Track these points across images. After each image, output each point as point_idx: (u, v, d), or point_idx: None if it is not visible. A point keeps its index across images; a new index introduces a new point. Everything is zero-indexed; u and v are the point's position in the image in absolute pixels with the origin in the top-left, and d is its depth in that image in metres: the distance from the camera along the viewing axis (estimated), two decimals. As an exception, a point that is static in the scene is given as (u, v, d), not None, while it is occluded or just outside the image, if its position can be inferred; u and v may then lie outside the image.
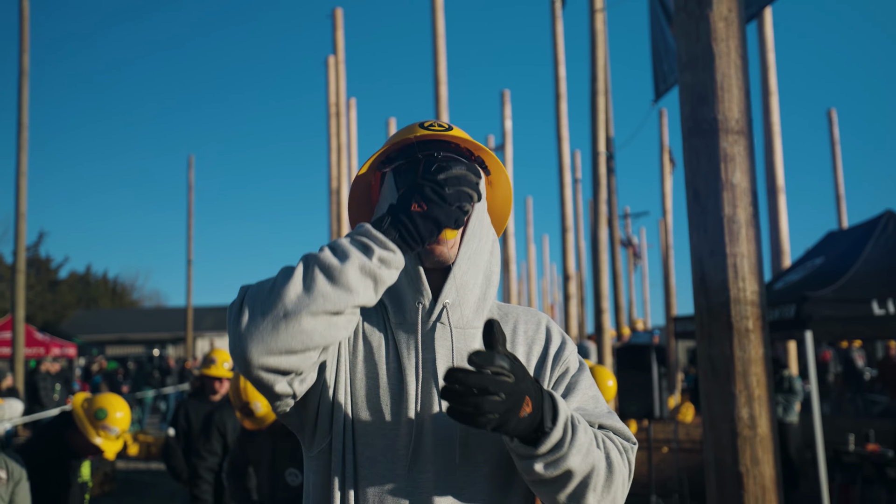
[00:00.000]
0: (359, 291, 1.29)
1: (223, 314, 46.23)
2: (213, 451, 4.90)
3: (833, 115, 22.65)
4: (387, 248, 1.32)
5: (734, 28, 3.15)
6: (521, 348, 1.58)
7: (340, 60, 16.26)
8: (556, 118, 16.31)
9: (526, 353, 1.58)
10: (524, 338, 1.60)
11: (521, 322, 1.63)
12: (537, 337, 1.61)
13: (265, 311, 1.26)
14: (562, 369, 1.59)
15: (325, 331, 1.28)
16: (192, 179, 30.25)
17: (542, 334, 1.62)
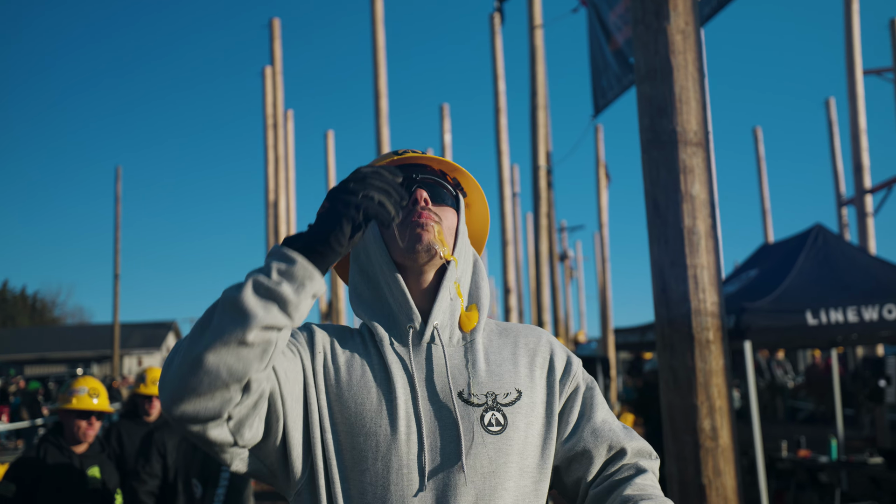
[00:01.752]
0: (257, 314, 1.19)
1: (152, 331, 45.10)
2: (153, 474, 4.68)
3: (759, 133, 23.33)
4: (284, 259, 1.24)
5: (691, 41, 3.18)
6: (524, 359, 1.54)
7: (278, 71, 16.05)
8: (495, 132, 16.39)
9: (528, 364, 1.54)
10: (525, 349, 1.56)
11: (521, 336, 1.60)
12: (539, 349, 1.58)
13: (174, 358, 1.23)
14: (573, 385, 1.56)
15: (234, 364, 1.19)
16: (119, 191, 29.41)
17: (544, 346, 1.59)
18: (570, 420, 1.53)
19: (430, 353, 1.49)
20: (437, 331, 1.49)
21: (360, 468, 1.38)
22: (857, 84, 13.91)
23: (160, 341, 44.30)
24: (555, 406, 1.52)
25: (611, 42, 11.23)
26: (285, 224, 16.82)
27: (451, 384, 1.44)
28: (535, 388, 1.51)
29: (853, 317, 7.29)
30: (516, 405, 1.46)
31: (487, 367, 1.50)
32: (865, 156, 13.70)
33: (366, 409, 1.41)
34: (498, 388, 1.47)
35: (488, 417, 1.43)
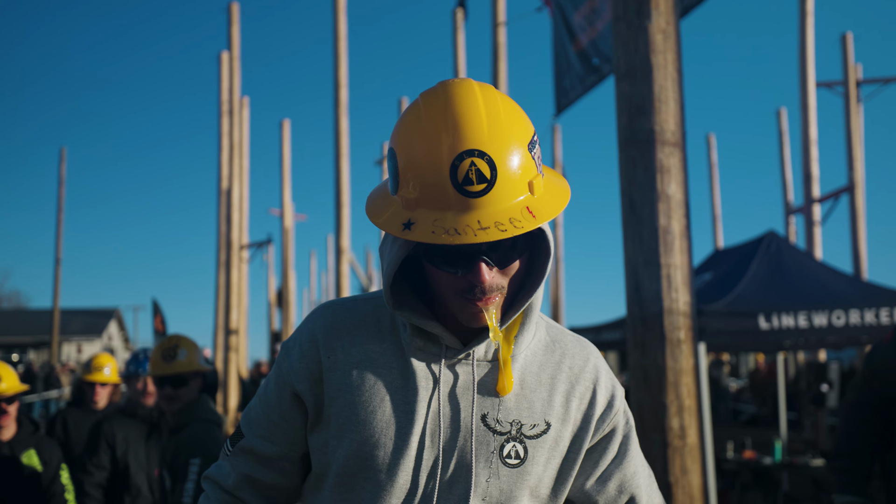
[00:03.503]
0: None
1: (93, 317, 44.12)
2: (100, 465, 4.52)
3: (712, 140, 23.74)
4: None
5: (672, 41, 3.19)
6: (562, 386, 1.40)
7: (235, 57, 15.80)
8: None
9: (566, 393, 1.40)
10: (568, 374, 1.42)
11: (567, 356, 1.44)
12: (583, 376, 1.43)
13: None
14: (611, 425, 1.44)
15: None
16: (63, 173, 28.58)
17: (589, 374, 1.43)
18: (601, 463, 1.44)
19: (460, 366, 1.37)
20: (474, 352, 1.36)
21: (364, 476, 1.33)
22: (809, 96, 14.23)
23: (101, 329, 43.39)
24: (584, 444, 1.41)
25: (574, 43, 11.29)
26: (238, 213, 16.59)
27: (474, 406, 1.34)
28: (568, 421, 1.39)
29: (804, 322, 7.47)
30: (541, 439, 1.36)
31: (521, 392, 1.37)
32: (815, 166, 14.02)
33: (377, 419, 1.33)
34: (526, 417, 1.36)
35: (508, 448, 1.34)
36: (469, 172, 1.19)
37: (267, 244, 19.42)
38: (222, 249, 17.27)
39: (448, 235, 1.19)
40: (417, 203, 1.23)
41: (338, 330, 1.40)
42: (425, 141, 1.23)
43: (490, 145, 1.21)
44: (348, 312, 1.43)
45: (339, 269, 13.31)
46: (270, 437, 1.43)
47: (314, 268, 43.93)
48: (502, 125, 1.23)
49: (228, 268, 15.67)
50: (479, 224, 1.19)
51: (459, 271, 1.26)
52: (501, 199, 1.21)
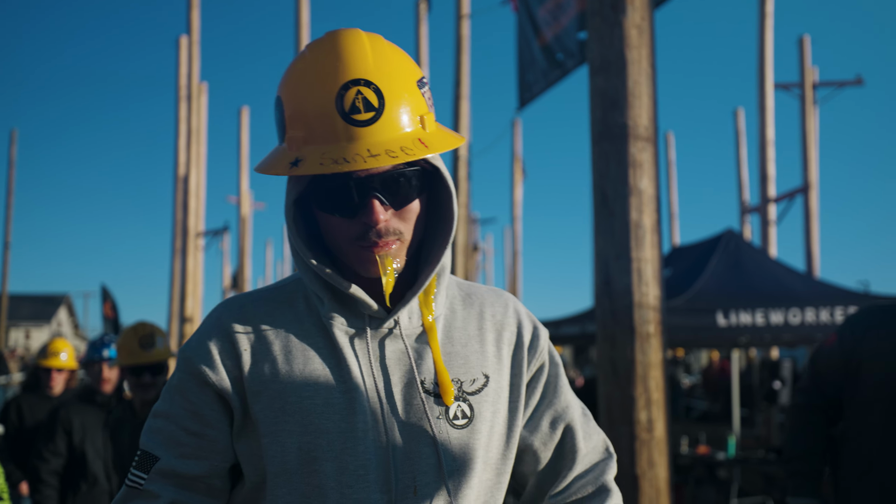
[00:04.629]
0: None
1: (42, 303, 43.20)
2: (57, 452, 4.42)
3: (670, 138, 24.04)
4: None
5: (646, 37, 3.20)
6: (491, 335, 1.37)
7: (195, 42, 15.53)
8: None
9: (496, 341, 1.37)
10: (492, 323, 1.38)
11: (487, 305, 1.40)
12: (506, 321, 1.39)
13: None
14: (538, 362, 1.40)
15: None
16: (13, 155, 27.88)
17: (511, 318, 1.40)
18: (531, 403, 1.40)
19: (388, 337, 1.30)
20: (398, 319, 1.30)
21: (309, 470, 1.22)
22: (766, 97, 14.46)
23: (50, 315, 42.54)
24: (521, 388, 1.37)
25: (539, 37, 11.31)
26: (195, 199, 16.34)
27: (410, 375, 1.27)
28: (503, 369, 1.35)
29: (761, 319, 7.60)
30: (483, 392, 1.31)
31: (452, 349, 1.32)
32: (771, 166, 14.27)
33: (314, 404, 1.24)
34: (464, 373, 1.31)
35: (454, 410, 1.28)
36: (356, 101, 1.17)
37: (223, 232, 19.21)
38: (178, 236, 17.01)
39: (337, 164, 1.15)
40: (305, 141, 1.20)
41: (252, 320, 1.31)
42: (310, 79, 1.21)
43: (376, 75, 1.19)
44: (257, 302, 1.34)
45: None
46: (194, 453, 1.26)
47: (270, 257, 43.56)
48: (388, 60, 1.22)
49: (184, 255, 15.44)
50: (369, 152, 1.16)
51: (351, 213, 1.21)
52: (391, 128, 1.19)
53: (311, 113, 1.19)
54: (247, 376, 1.26)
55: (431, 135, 1.22)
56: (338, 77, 1.18)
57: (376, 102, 1.18)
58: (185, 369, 1.29)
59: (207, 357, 1.27)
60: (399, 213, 1.24)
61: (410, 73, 1.24)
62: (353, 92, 1.17)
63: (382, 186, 1.22)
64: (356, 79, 1.18)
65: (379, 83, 1.19)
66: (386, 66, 1.21)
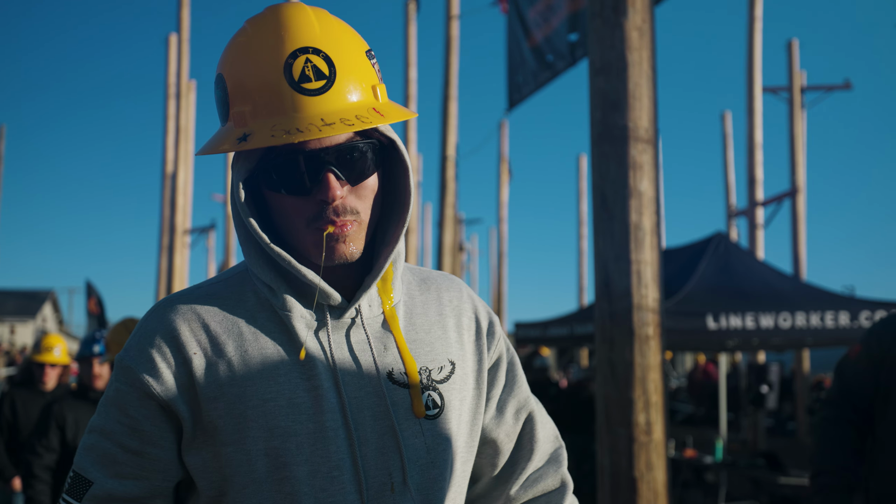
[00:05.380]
0: None
1: (28, 298, 42.88)
2: (50, 448, 4.42)
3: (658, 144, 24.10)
4: None
5: (647, 39, 3.20)
6: (451, 320, 1.32)
7: (185, 40, 15.45)
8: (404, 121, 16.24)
9: (456, 327, 1.32)
10: (451, 308, 1.34)
11: (443, 290, 1.36)
12: (463, 307, 1.35)
13: None
14: (497, 350, 1.37)
15: None
16: (1, 150, 27.78)
17: (466, 303, 1.36)
18: (494, 393, 1.36)
19: (350, 327, 1.23)
20: (360, 307, 1.24)
21: (279, 476, 1.15)
22: (755, 100, 14.53)
23: (35, 310, 42.22)
24: (484, 374, 1.33)
25: (529, 38, 11.31)
26: (182, 196, 16.25)
27: (377, 366, 1.20)
28: (466, 355, 1.31)
29: (751, 323, 7.61)
30: (451, 380, 1.26)
31: (416, 336, 1.26)
32: (759, 169, 14.33)
33: (277, 405, 1.15)
34: (431, 361, 1.25)
35: (424, 399, 1.22)
36: (305, 69, 1.11)
37: (210, 229, 19.12)
38: (165, 233, 16.91)
39: (290, 135, 1.07)
40: (252, 115, 1.12)
41: (198, 320, 1.20)
42: (255, 50, 1.14)
43: (324, 43, 1.14)
44: (202, 300, 1.23)
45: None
46: (132, 472, 1.17)
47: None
48: (335, 29, 1.17)
49: (171, 252, 15.34)
50: (323, 121, 1.08)
51: (305, 190, 1.14)
52: (344, 97, 1.12)
53: (258, 85, 1.12)
54: (199, 382, 1.17)
55: (385, 105, 1.16)
56: (284, 46, 1.12)
57: (327, 70, 1.12)
58: (125, 380, 1.19)
59: (150, 365, 1.17)
60: (355, 190, 1.18)
61: (359, 44, 1.19)
62: (301, 60, 1.11)
63: (337, 160, 1.15)
64: (304, 47, 1.11)
65: (328, 51, 1.13)
66: (334, 35, 1.15)
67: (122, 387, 1.18)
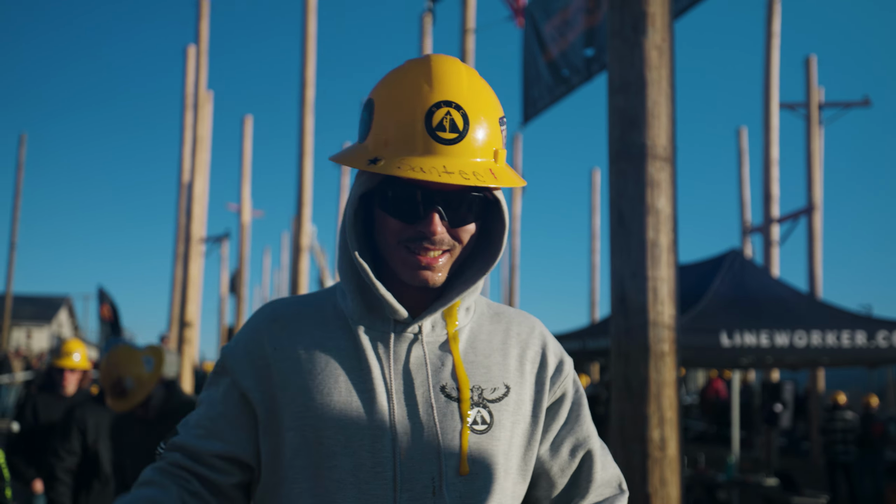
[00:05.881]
0: None
1: (45, 304, 43.21)
2: (71, 451, 4.50)
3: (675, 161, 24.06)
4: None
5: (666, 58, 3.23)
6: (515, 350, 1.41)
7: (203, 51, 15.58)
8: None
9: (519, 357, 1.40)
10: (517, 340, 1.42)
11: (514, 323, 1.45)
12: (531, 341, 1.43)
13: None
14: (562, 388, 1.43)
15: None
16: (22, 158, 28.04)
17: (536, 339, 1.44)
18: (553, 428, 1.42)
19: (412, 342, 1.35)
20: (422, 325, 1.35)
21: (329, 465, 1.27)
22: (771, 116, 14.52)
23: (51, 316, 42.52)
24: (543, 406, 1.40)
25: (545, 53, 11.35)
26: (198, 205, 16.36)
27: (430, 379, 1.31)
28: (525, 384, 1.39)
29: (765, 341, 7.58)
30: (503, 402, 1.34)
31: (475, 358, 1.37)
32: (775, 186, 14.31)
33: (333, 401, 1.29)
34: (485, 381, 1.34)
35: (474, 415, 1.31)
36: (443, 120, 1.25)
37: (224, 238, 19.23)
38: (181, 242, 17.03)
39: (413, 171, 1.21)
40: (386, 144, 1.26)
41: (281, 320, 1.39)
42: (406, 90, 1.28)
43: (466, 101, 1.27)
44: (290, 305, 1.43)
45: (297, 266, 13.19)
46: (207, 434, 1.34)
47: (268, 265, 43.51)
48: (480, 91, 1.31)
49: (186, 260, 15.44)
50: (445, 168, 1.22)
51: (411, 219, 1.28)
52: (468, 154, 1.26)
53: (400, 121, 1.26)
54: (274, 375, 1.34)
55: (501, 169, 1.29)
56: (432, 95, 1.26)
57: (461, 126, 1.25)
58: (220, 368, 1.40)
59: (237, 357, 1.37)
60: (453, 231, 1.31)
61: (495, 109, 1.33)
62: (442, 111, 1.25)
63: (445, 203, 1.29)
64: (448, 100, 1.25)
65: (467, 109, 1.26)
66: (476, 97, 1.29)
67: (218, 372, 1.40)
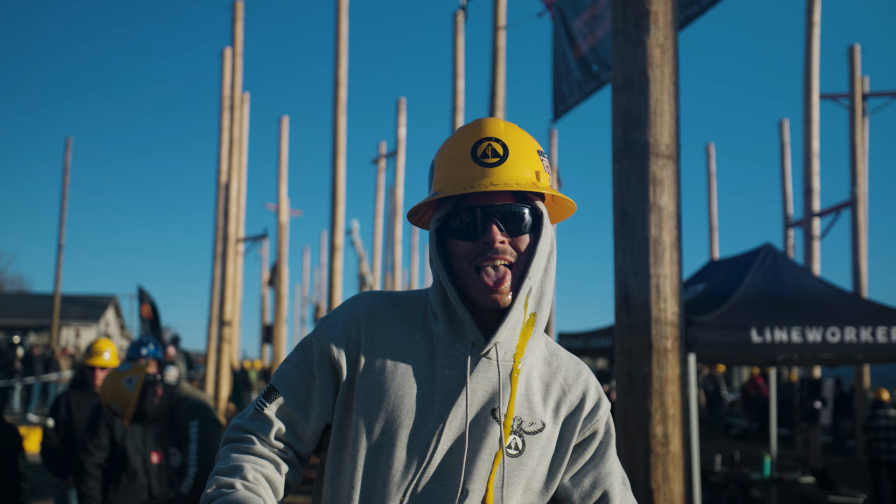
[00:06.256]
0: None
1: (92, 303, 44.15)
2: (100, 446, 4.66)
3: (711, 149, 23.78)
4: None
5: (669, 55, 3.23)
6: (556, 393, 1.62)
7: (238, 53, 15.81)
8: (451, 130, 16.38)
9: (558, 399, 1.61)
10: (561, 384, 1.63)
11: (562, 368, 1.65)
12: (574, 387, 1.64)
13: None
14: (592, 429, 1.64)
15: None
16: (68, 161, 28.77)
17: (579, 386, 1.64)
18: (580, 461, 1.63)
19: (480, 363, 1.55)
20: (496, 347, 1.54)
21: (386, 451, 1.51)
22: (812, 108, 14.25)
23: (99, 315, 43.37)
24: (571, 443, 1.61)
25: (575, 49, 11.31)
26: (235, 206, 16.60)
27: (488, 400, 1.54)
28: (558, 423, 1.60)
29: (797, 337, 7.46)
30: (537, 435, 1.57)
31: (524, 393, 1.58)
32: (816, 179, 14.05)
33: (404, 403, 1.52)
34: (527, 415, 1.57)
35: (511, 440, 1.54)
36: (486, 149, 1.51)
37: (262, 238, 19.48)
38: (219, 242, 17.29)
39: (464, 189, 1.47)
40: (445, 179, 1.53)
41: (378, 317, 1.58)
42: (456, 138, 1.57)
43: (504, 136, 1.54)
44: (388, 304, 1.61)
45: (332, 265, 13.34)
46: (304, 402, 1.56)
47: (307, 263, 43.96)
48: (516, 131, 1.58)
49: (224, 260, 15.69)
50: (492, 183, 1.47)
51: (475, 236, 1.50)
52: (513, 173, 1.50)
53: (452, 158, 1.54)
54: (361, 361, 1.55)
55: (543, 185, 1.52)
56: (476, 135, 1.54)
57: (501, 152, 1.52)
58: (316, 336, 1.59)
59: (336, 336, 1.57)
60: (512, 242, 1.52)
61: (532, 143, 1.58)
62: (485, 144, 1.52)
63: (501, 216, 1.52)
64: (489, 136, 1.53)
65: (505, 141, 1.53)
66: (513, 134, 1.56)
67: (314, 339, 1.59)
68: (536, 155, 1.56)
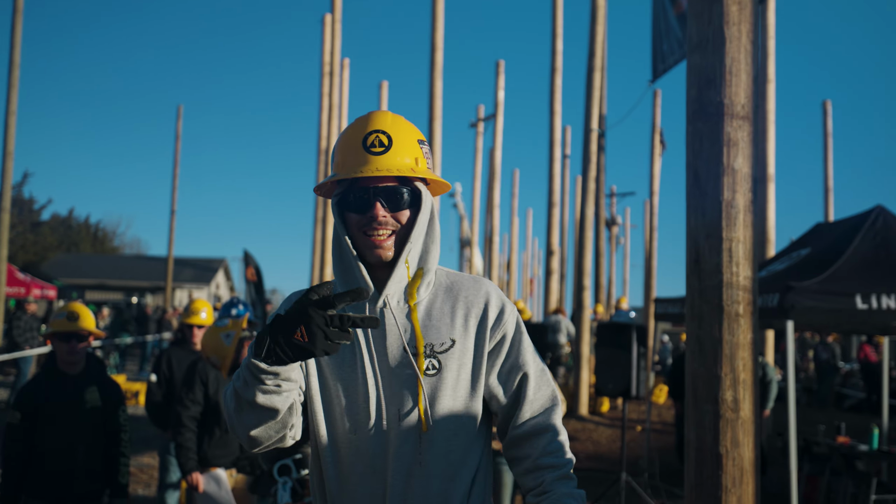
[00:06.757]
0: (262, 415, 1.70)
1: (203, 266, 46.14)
2: (195, 401, 4.94)
3: (828, 107, 22.68)
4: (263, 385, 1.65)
5: (747, 12, 3.13)
6: (461, 311, 1.92)
7: (337, 20, 16.07)
8: (550, 92, 16.20)
9: (464, 316, 1.92)
10: (464, 303, 1.93)
11: (463, 289, 1.96)
12: (476, 301, 1.94)
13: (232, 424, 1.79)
14: (501, 332, 1.94)
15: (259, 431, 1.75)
16: (179, 129, 29.98)
17: (481, 298, 1.94)
18: (497, 361, 1.94)
19: (384, 315, 1.87)
20: (388, 299, 1.87)
21: (336, 402, 1.87)
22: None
23: (210, 277, 45.32)
24: (485, 347, 1.92)
25: (675, 5, 10.98)
26: (339, 172, 16.93)
27: (398, 338, 1.86)
28: (468, 336, 1.91)
29: (904, 303, 7.09)
30: (449, 352, 1.87)
31: (429, 322, 1.89)
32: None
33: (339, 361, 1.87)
34: (435, 339, 1.88)
35: (426, 363, 1.86)
36: (374, 140, 1.85)
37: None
38: (319, 206, 17.76)
39: (355, 173, 1.81)
40: (341, 165, 1.87)
41: None
42: (350, 131, 1.90)
43: (389, 129, 1.88)
44: None
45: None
46: None
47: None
48: (401, 124, 1.90)
49: (325, 224, 16.11)
50: (377, 168, 1.81)
51: (364, 210, 1.83)
52: (395, 160, 1.84)
53: (348, 146, 1.87)
54: None
55: (421, 169, 1.88)
56: (367, 127, 1.88)
57: (387, 142, 1.85)
58: None
59: None
60: (394, 216, 1.87)
61: (414, 133, 1.92)
62: (373, 135, 1.86)
63: (384, 196, 1.86)
64: (376, 129, 1.86)
65: (391, 133, 1.86)
66: (398, 126, 1.90)
67: None
68: (417, 144, 1.90)
